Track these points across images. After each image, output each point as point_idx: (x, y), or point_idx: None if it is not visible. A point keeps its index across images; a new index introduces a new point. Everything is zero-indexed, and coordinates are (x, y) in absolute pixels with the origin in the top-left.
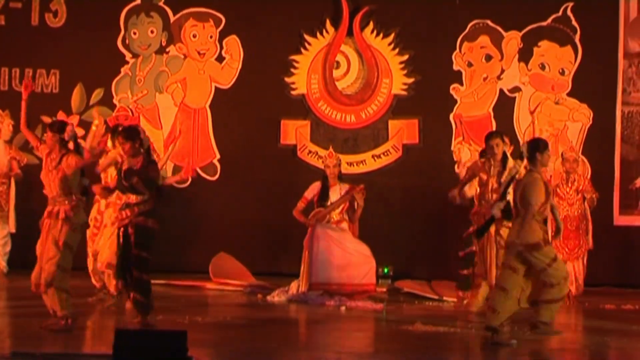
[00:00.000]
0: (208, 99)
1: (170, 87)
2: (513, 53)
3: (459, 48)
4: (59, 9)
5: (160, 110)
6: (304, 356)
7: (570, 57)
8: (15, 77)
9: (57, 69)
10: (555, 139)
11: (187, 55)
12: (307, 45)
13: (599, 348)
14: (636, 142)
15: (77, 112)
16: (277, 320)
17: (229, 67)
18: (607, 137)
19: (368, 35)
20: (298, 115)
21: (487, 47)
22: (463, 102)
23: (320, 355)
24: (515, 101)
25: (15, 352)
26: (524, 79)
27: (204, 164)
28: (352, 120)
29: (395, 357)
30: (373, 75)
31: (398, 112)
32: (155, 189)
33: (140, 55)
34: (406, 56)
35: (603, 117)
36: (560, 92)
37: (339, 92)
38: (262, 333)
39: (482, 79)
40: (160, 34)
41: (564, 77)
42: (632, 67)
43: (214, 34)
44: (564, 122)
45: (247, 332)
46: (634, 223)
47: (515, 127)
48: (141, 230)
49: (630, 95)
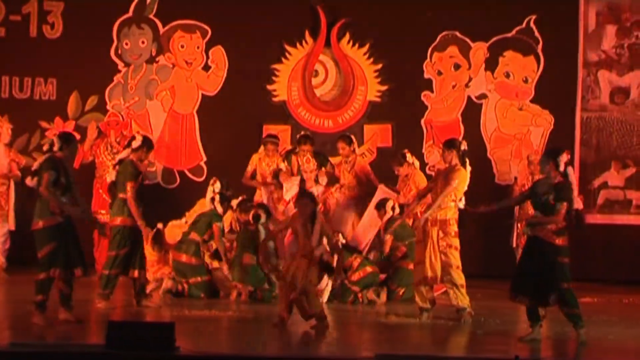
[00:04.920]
0: (195, 105)
1: (160, 94)
2: (480, 62)
3: (429, 58)
4: (56, 22)
5: (151, 116)
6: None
7: (533, 66)
8: (15, 85)
9: (54, 78)
10: (519, 143)
11: (176, 65)
12: (288, 55)
13: (560, 338)
14: (594, 146)
15: (73, 118)
16: (260, 313)
17: (215, 76)
18: (567, 141)
19: (344, 45)
20: (279, 121)
21: (456, 56)
22: (433, 108)
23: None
24: (482, 107)
25: (13, 343)
26: (490, 87)
27: (191, 166)
28: (330, 125)
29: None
30: (349, 83)
31: (372, 118)
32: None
33: (131, 65)
34: (380, 65)
35: (563, 123)
36: (523, 99)
37: (317, 98)
38: (248, 326)
39: (451, 86)
40: (150, 44)
41: (527, 85)
42: (591, 76)
43: (201, 45)
44: (528, 127)
45: (235, 325)
46: (591, 221)
47: (481, 132)
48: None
49: (588, 102)
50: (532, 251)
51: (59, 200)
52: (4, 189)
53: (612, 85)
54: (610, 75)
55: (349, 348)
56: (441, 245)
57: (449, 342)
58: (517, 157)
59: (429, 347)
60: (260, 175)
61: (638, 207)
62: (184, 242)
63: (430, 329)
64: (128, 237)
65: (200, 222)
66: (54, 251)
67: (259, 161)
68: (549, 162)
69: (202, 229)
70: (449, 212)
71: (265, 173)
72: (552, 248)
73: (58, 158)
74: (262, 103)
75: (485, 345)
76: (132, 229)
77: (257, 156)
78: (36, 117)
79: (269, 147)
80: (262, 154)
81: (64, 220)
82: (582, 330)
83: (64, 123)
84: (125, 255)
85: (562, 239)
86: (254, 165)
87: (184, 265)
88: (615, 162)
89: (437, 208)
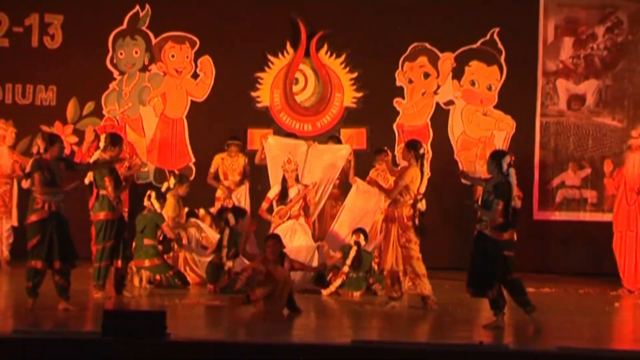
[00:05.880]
0: (185, 110)
1: (152, 100)
2: (447, 71)
3: (401, 67)
4: (56, 33)
5: (144, 120)
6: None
7: (496, 75)
8: (18, 92)
9: (54, 85)
10: (483, 146)
11: (167, 73)
12: (270, 64)
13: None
14: (552, 148)
15: (71, 122)
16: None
17: (203, 83)
18: (527, 144)
19: (323, 55)
20: (262, 125)
21: (425, 66)
22: (404, 113)
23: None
24: (449, 113)
25: (16, 330)
26: (457, 94)
27: (181, 167)
28: (309, 129)
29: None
30: (327, 90)
31: (349, 122)
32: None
33: (126, 73)
34: (356, 74)
35: (524, 127)
36: (487, 105)
37: (297, 104)
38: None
39: (421, 93)
40: (143, 54)
41: (491, 92)
42: (550, 84)
43: (190, 55)
44: (491, 131)
45: (224, 312)
46: (550, 217)
47: (449, 135)
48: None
49: (547, 108)
50: (478, 246)
51: (52, 191)
52: (7, 188)
53: (569, 92)
54: (567, 83)
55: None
56: (401, 241)
57: (418, 328)
58: (482, 159)
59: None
60: (223, 174)
61: (593, 204)
62: (140, 249)
63: (401, 317)
64: (111, 230)
65: (147, 228)
66: (36, 244)
67: (221, 161)
68: (493, 163)
69: (152, 232)
70: (405, 209)
71: (227, 172)
72: (495, 243)
73: (44, 159)
74: (247, 108)
75: (452, 332)
76: (114, 222)
77: (220, 157)
78: (37, 122)
79: (232, 148)
80: (225, 155)
81: (48, 216)
82: (534, 314)
83: (63, 127)
84: (111, 248)
85: (507, 234)
86: (216, 166)
87: (149, 268)
88: (572, 164)
89: (389, 200)
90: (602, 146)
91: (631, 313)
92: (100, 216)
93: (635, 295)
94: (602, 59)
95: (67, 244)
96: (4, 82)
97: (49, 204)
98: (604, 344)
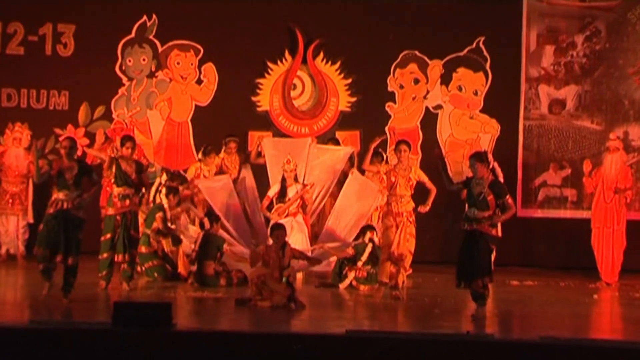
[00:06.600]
0: (189, 114)
1: (158, 104)
2: (436, 77)
3: (392, 73)
4: (68, 42)
5: (151, 123)
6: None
7: (482, 81)
8: (32, 97)
9: (67, 90)
10: (470, 147)
11: (172, 79)
12: (270, 70)
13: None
14: (535, 150)
15: (83, 125)
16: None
17: (207, 89)
18: (511, 146)
19: (319, 62)
20: (262, 128)
21: (415, 72)
22: (396, 117)
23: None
24: (438, 116)
25: (32, 321)
26: (445, 99)
27: (186, 167)
28: (306, 132)
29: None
30: (323, 95)
31: (343, 125)
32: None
33: (134, 79)
34: (350, 80)
35: (508, 130)
36: (474, 109)
37: (295, 109)
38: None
39: (411, 98)
40: (150, 61)
41: (477, 97)
42: (532, 89)
43: (194, 62)
44: (477, 134)
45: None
46: (532, 215)
47: (437, 137)
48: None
49: (530, 112)
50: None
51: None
52: (23, 187)
53: (550, 97)
54: (548, 89)
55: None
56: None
57: (409, 319)
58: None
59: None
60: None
61: (573, 202)
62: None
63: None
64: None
65: (148, 218)
66: (41, 233)
67: (221, 160)
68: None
69: (150, 222)
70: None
71: (228, 169)
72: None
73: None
74: (248, 112)
75: (441, 322)
76: (114, 217)
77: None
78: (51, 125)
79: (231, 145)
80: (224, 154)
81: (54, 212)
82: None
83: (75, 130)
84: (110, 240)
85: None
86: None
87: (140, 255)
88: (553, 164)
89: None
90: (582, 148)
91: (609, 305)
92: (109, 211)
93: (612, 288)
94: (581, 66)
95: (71, 239)
96: (20, 87)
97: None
98: (584, 334)
